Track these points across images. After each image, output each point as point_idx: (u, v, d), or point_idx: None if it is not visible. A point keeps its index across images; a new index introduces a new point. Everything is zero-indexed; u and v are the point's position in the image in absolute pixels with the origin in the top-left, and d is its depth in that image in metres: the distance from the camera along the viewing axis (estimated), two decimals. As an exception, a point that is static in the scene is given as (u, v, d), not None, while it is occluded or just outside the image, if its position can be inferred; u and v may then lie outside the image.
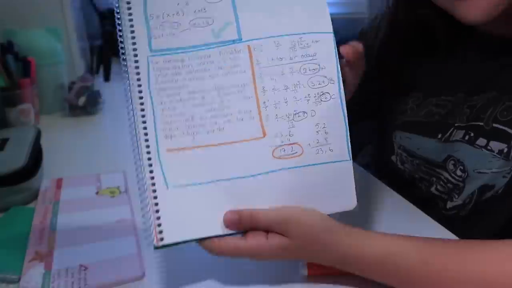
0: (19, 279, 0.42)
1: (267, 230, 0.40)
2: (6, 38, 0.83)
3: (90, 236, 0.48)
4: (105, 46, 1.17)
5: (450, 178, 0.60)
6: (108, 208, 0.54)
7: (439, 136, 0.60)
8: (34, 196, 0.57)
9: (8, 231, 0.50)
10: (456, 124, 0.58)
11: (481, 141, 0.55)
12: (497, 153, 0.53)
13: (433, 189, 0.62)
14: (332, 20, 0.49)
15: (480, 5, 0.46)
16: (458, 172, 0.58)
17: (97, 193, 0.58)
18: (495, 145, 0.53)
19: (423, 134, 0.63)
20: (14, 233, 0.49)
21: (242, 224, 0.40)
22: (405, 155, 0.66)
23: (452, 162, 0.59)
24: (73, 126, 0.85)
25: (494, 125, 0.54)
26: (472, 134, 0.56)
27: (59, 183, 0.60)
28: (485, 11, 0.47)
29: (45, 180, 0.61)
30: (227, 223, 0.40)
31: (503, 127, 0.52)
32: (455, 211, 0.59)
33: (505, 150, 0.52)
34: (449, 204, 0.60)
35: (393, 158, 0.68)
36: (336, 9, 2.45)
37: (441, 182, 0.61)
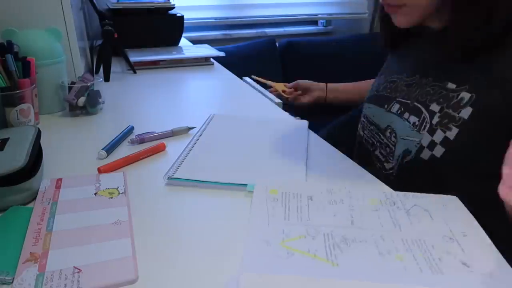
0: (12, 280, 0.42)
1: None
2: (6, 38, 0.83)
3: (85, 237, 0.48)
4: (105, 46, 1.17)
5: (387, 142, 0.77)
6: (106, 209, 0.54)
7: (385, 106, 0.79)
8: (34, 196, 0.57)
9: (5, 231, 0.50)
10: (397, 99, 0.76)
11: (406, 115, 0.73)
12: (411, 125, 0.71)
13: (377, 152, 0.81)
14: (331, 21, 0.54)
15: (405, 19, 0.70)
16: (393, 138, 0.75)
17: (95, 193, 0.58)
18: (412, 119, 0.71)
19: (377, 104, 0.82)
20: (11, 233, 0.49)
21: None
22: (365, 122, 0.85)
23: (389, 130, 0.76)
24: (73, 126, 0.85)
25: (415, 103, 0.72)
26: (402, 109, 0.74)
27: (58, 183, 0.60)
28: (408, 22, 0.70)
29: (44, 180, 0.61)
30: None
31: (419, 105, 0.71)
32: (390, 171, 0.76)
33: (416, 123, 0.70)
34: (387, 165, 0.77)
35: (359, 126, 0.89)
36: (336, 9, 2.45)
37: (383, 146, 0.79)
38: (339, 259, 0.45)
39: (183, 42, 1.58)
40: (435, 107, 0.68)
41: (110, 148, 0.71)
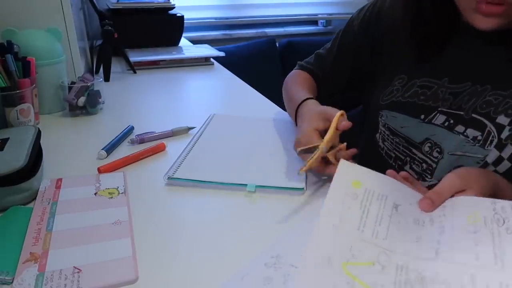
0: (12, 280, 0.42)
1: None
2: (6, 38, 0.83)
3: (85, 237, 0.48)
4: (105, 46, 1.17)
5: (425, 158, 0.67)
6: (106, 209, 0.54)
7: (422, 117, 0.67)
8: (34, 196, 0.57)
9: (5, 231, 0.50)
10: (439, 109, 0.66)
11: (460, 128, 0.63)
12: (471, 139, 0.62)
13: (407, 167, 0.71)
14: (331, 21, 0.50)
15: (492, 21, 0.56)
16: (435, 154, 0.66)
17: (95, 193, 0.58)
18: (471, 132, 0.62)
19: (407, 114, 0.69)
20: (11, 233, 0.49)
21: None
22: (387, 133, 0.73)
23: (429, 144, 0.66)
24: (73, 126, 0.85)
25: (473, 115, 0.62)
26: (452, 121, 0.64)
27: (58, 183, 0.60)
28: (496, 25, 0.56)
29: (44, 180, 0.61)
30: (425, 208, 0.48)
31: (480, 118, 0.61)
32: None
33: (479, 137, 0.61)
34: (423, 184, 0.66)
35: (377, 136, 0.76)
36: (336, 9, 2.45)
37: (416, 162, 0.69)
38: None
39: (183, 42, 1.58)
40: (503, 119, 0.59)
41: (110, 148, 0.71)
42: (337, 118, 0.60)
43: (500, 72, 0.61)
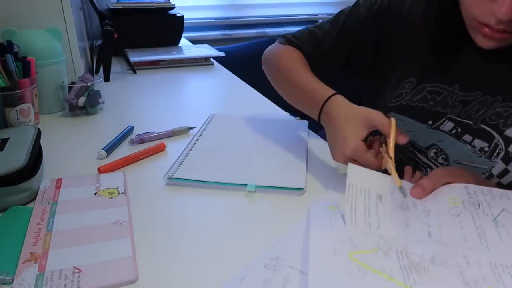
0: (12, 280, 0.42)
1: None
2: (6, 38, 0.83)
3: (86, 237, 0.48)
4: (105, 46, 1.17)
5: (430, 164, 0.67)
6: (106, 209, 0.54)
7: (430, 122, 0.66)
8: (34, 196, 0.57)
9: (5, 231, 0.50)
10: (448, 115, 0.64)
11: (467, 137, 0.62)
12: (478, 150, 0.61)
13: None
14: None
15: (492, 44, 0.55)
16: (440, 160, 0.65)
17: (95, 193, 0.58)
18: (478, 143, 0.61)
19: (415, 118, 0.68)
20: (11, 233, 0.49)
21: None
22: None
23: (434, 150, 0.66)
24: (73, 126, 0.85)
25: (482, 125, 0.61)
26: (459, 130, 0.63)
27: (58, 183, 0.60)
28: (495, 45, 0.55)
29: (44, 180, 0.61)
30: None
31: (489, 129, 0.60)
32: None
33: (486, 148, 0.60)
34: None
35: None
36: (336, 9, 2.45)
37: (420, 166, 0.68)
38: (418, 286, 0.38)
39: (183, 42, 1.58)
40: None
41: (110, 148, 0.71)
42: (395, 126, 0.57)
43: None
